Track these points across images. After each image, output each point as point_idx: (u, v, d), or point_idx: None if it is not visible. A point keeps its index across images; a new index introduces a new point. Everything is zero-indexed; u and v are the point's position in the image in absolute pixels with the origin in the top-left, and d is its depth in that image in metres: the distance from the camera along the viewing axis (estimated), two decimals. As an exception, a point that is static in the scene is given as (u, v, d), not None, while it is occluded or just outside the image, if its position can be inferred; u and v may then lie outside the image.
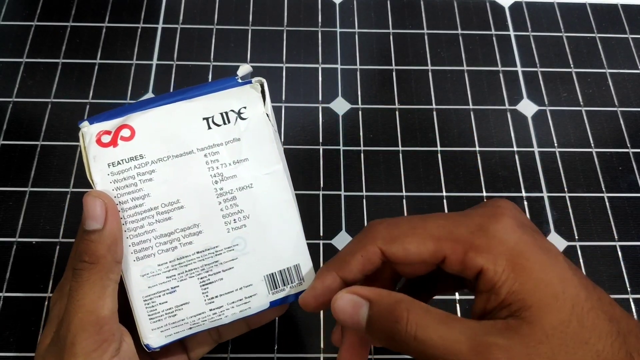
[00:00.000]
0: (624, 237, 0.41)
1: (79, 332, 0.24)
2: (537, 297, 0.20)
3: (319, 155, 0.42)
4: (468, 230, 0.22)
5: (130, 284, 0.27)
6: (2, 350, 0.35)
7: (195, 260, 0.27)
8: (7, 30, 0.47)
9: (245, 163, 0.28)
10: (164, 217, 0.27)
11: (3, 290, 0.37)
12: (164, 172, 0.27)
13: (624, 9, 0.50)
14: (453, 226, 0.23)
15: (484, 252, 0.21)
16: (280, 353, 0.36)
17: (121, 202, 0.26)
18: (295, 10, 0.49)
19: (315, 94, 0.45)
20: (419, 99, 0.45)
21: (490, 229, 0.21)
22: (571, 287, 0.20)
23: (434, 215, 0.24)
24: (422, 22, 0.49)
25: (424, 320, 0.21)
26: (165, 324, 0.27)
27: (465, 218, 0.23)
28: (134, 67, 0.45)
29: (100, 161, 0.26)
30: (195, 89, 0.28)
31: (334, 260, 0.26)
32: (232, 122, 0.28)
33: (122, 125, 0.27)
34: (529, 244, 0.21)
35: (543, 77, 0.47)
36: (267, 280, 0.28)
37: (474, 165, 0.43)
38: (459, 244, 0.22)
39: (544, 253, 0.21)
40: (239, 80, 0.29)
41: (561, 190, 0.42)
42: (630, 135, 0.45)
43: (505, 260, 0.21)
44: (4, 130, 0.42)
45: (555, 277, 0.21)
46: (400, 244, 0.23)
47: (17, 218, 0.39)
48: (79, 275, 0.25)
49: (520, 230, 0.22)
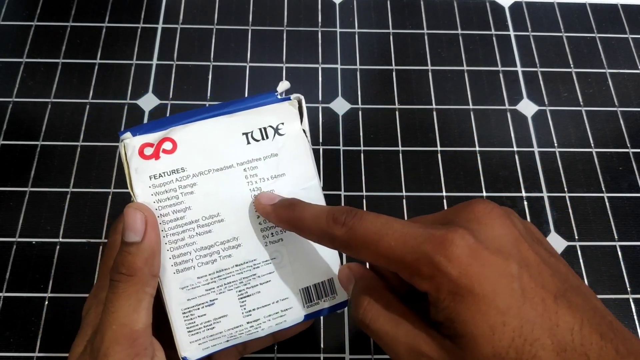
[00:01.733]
0: (624, 237, 0.41)
1: (113, 345, 0.24)
2: (472, 329, 0.20)
3: (319, 155, 0.42)
4: (415, 255, 0.22)
5: (169, 296, 0.27)
6: (2, 350, 0.35)
7: (234, 273, 0.27)
8: (7, 30, 0.47)
9: (283, 178, 0.28)
10: (204, 230, 0.27)
11: (3, 290, 0.37)
12: (205, 185, 0.27)
13: (624, 9, 0.50)
14: (403, 247, 0.22)
15: (427, 279, 0.22)
16: (280, 353, 0.36)
17: (162, 214, 0.26)
18: (295, 10, 0.49)
19: (315, 94, 0.45)
20: (419, 99, 0.45)
21: (435, 260, 0.21)
22: (514, 319, 0.20)
23: (396, 226, 0.23)
24: (422, 22, 0.49)
25: (378, 314, 0.24)
26: (203, 337, 0.27)
27: (416, 240, 0.22)
28: (134, 67, 0.45)
29: (142, 173, 0.27)
30: (235, 103, 0.29)
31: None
32: (270, 137, 0.28)
33: (165, 138, 0.27)
34: (475, 272, 0.21)
35: (543, 77, 0.47)
36: (303, 293, 0.29)
37: (474, 165, 0.43)
38: (406, 268, 0.22)
39: (493, 278, 0.21)
40: (278, 97, 0.29)
41: (561, 190, 0.42)
42: (630, 135, 0.45)
43: (446, 291, 0.21)
44: (4, 130, 0.42)
45: (497, 308, 0.20)
46: (357, 255, 0.24)
47: (17, 218, 0.39)
48: (115, 287, 0.25)
49: (469, 256, 0.21)
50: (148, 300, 0.25)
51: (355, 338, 0.37)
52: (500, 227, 0.22)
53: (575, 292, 0.21)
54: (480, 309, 0.20)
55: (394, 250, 0.22)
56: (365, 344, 0.36)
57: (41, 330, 0.36)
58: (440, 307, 0.21)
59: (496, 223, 0.23)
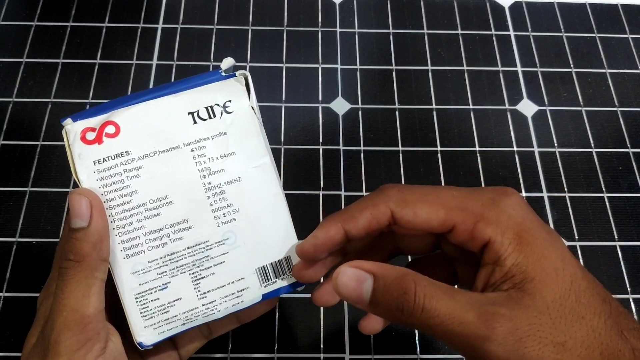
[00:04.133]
0: (624, 237, 0.41)
1: (63, 331, 0.24)
2: (539, 271, 0.21)
3: (319, 155, 0.42)
4: (479, 202, 0.23)
5: (120, 281, 0.26)
6: (3, 350, 0.35)
7: (186, 256, 0.27)
8: (7, 30, 0.47)
9: (233, 157, 0.27)
10: (152, 213, 0.27)
11: (3, 290, 0.37)
12: (151, 167, 0.27)
13: (624, 9, 0.50)
14: (465, 197, 0.24)
15: (493, 224, 0.22)
16: (280, 353, 0.36)
17: (108, 199, 0.26)
18: (295, 10, 0.49)
19: (315, 94, 0.45)
20: (419, 99, 0.45)
21: (501, 203, 0.23)
22: (570, 266, 0.22)
23: (447, 187, 0.25)
24: (422, 22, 0.49)
25: (431, 291, 0.22)
26: (157, 321, 0.27)
27: (476, 192, 0.24)
28: (134, 67, 0.45)
29: (86, 159, 0.26)
30: (180, 83, 0.28)
31: (341, 213, 0.26)
32: (217, 116, 0.28)
33: (107, 121, 0.27)
34: (535, 222, 0.23)
35: (543, 77, 0.47)
36: (259, 273, 0.28)
37: (474, 165, 0.43)
38: (469, 214, 0.23)
39: (547, 232, 0.23)
40: (223, 74, 0.28)
41: (561, 190, 0.42)
42: (630, 135, 0.45)
43: (512, 233, 0.22)
44: (4, 130, 0.43)
45: (556, 255, 0.22)
46: (412, 208, 0.24)
47: (17, 218, 0.39)
48: (64, 274, 0.25)
49: (527, 209, 0.23)
50: (99, 285, 0.25)
51: (355, 338, 0.37)
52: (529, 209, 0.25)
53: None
54: (544, 252, 0.22)
55: (455, 200, 0.23)
56: (365, 344, 0.37)
57: (41, 330, 0.36)
58: (505, 253, 0.22)
59: (521, 197, 0.25)
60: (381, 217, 0.25)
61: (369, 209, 0.25)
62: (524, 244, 0.22)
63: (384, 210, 0.24)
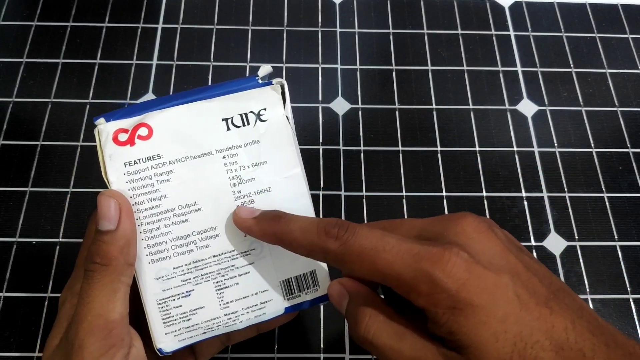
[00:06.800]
0: (624, 237, 0.41)
1: (87, 336, 0.24)
2: (476, 339, 0.21)
3: (319, 155, 0.42)
4: (413, 273, 0.22)
5: (144, 286, 0.26)
6: (2, 350, 0.35)
7: (212, 264, 0.27)
8: (7, 30, 0.47)
9: (264, 166, 0.27)
10: (180, 219, 0.26)
11: (3, 290, 0.37)
12: (182, 173, 0.26)
13: (624, 9, 0.50)
14: (401, 265, 0.22)
15: (425, 296, 0.22)
16: (280, 353, 0.36)
17: (137, 202, 0.26)
18: (295, 10, 0.49)
19: (315, 94, 0.45)
20: (419, 99, 0.45)
21: (434, 277, 0.22)
22: (514, 325, 0.21)
23: (391, 242, 0.23)
24: (422, 22, 0.49)
25: (380, 329, 0.23)
26: (179, 328, 0.27)
27: (414, 257, 0.22)
28: (134, 67, 0.45)
29: (117, 160, 0.26)
30: (215, 88, 0.28)
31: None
32: (251, 123, 0.27)
33: (140, 123, 0.26)
34: (472, 285, 0.21)
35: (543, 77, 0.47)
36: (283, 285, 0.28)
37: (474, 165, 0.43)
38: (403, 284, 0.22)
39: (489, 290, 0.22)
40: (259, 81, 0.28)
41: (561, 190, 0.42)
42: (630, 135, 0.45)
43: (444, 306, 0.21)
44: (4, 130, 0.42)
45: (497, 318, 0.21)
46: (349, 266, 0.24)
47: (17, 218, 0.39)
48: (89, 277, 0.24)
49: (465, 271, 0.22)
50: (124, 289, 0.25)
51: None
52: (487, 240, 0.23)
53: (562, 293, 0.22)
54: (481, 319, 0.21)
55: (392, 267, 0.22)
56: (365, 344, 0.37)
57: (41, 330, 0.36)
58: (439, 322, 0.22)
59: (483, 237, 0.23)
60: (354, 277, 0.26)
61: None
62: (458, 314, 0.21)
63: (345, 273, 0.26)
